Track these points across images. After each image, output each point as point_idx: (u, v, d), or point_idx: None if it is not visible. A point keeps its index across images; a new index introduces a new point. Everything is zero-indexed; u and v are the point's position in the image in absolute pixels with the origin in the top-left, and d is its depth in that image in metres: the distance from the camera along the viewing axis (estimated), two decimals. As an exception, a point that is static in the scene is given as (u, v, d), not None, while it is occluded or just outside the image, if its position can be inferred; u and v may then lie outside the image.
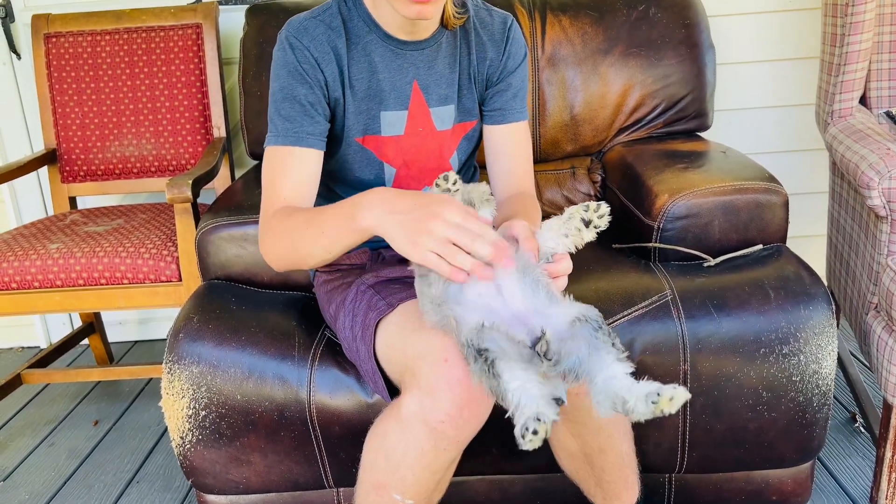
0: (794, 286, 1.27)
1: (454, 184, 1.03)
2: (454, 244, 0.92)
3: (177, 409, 1.27)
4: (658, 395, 0.86)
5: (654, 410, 0.86)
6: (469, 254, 0.92)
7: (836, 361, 1.26)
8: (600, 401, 0.91)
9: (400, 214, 0.95)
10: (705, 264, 1.36)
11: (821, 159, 2.27)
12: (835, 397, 1.85)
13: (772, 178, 1.40)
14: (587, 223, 0.98)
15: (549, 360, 0.92)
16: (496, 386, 0.89)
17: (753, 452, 1.29)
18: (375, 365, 1.10)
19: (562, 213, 1.01)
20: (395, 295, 1.13)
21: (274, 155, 1.16)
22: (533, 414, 0.84)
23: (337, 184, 1.28)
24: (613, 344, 0.94)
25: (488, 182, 1.33)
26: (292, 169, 1.15)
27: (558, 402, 0.91)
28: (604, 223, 0.98)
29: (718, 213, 1.37)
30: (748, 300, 1.25)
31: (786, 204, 1.38)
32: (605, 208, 0.97)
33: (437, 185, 1.03)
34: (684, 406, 1.25)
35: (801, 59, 2.20)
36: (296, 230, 1.08)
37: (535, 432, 0.83)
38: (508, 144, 1.31)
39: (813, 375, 1.24)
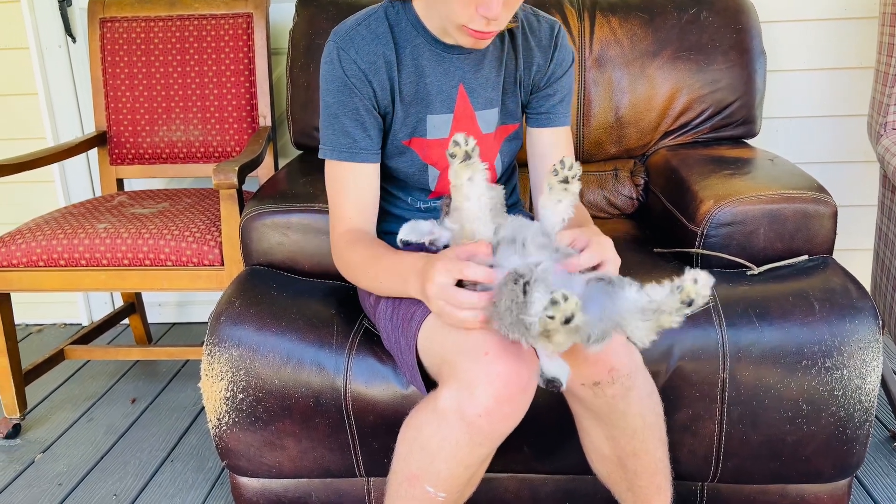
0: (839, 298, 1.24)
1: (466, 143, 0.99)
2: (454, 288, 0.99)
3: (215, 390, 1.29)
4: (681, 284, 0.87)
5: (683, 297, 0.87)
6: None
7: (879, 377, 1.23)
8: (637, 326, 0.91)
9: (421, 287, 1.04)
10: (749, 272, 1.34)
11: (870, 171, 2.22)
12: (875, 415, 1.81)
13: (821, 188, 1.37)
14: (566, 180, 1.03)
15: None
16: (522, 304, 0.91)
17: (790, 466, 1.27)
18: (415, 358, 1.11)
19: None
20: None
21: (333, 170, 1.23)
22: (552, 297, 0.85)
23: (385, 180, 1.29)
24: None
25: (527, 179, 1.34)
26: (351, 186, 1.21)
27: (554, 382, 0.96)
28: (577, 170, 1.03)
29: (764, 221, 1.35)
30: (792, 311, 1.23)
31: (834, 215, 1.35)
32: (568, 160, 1.02)
33: (451, 154, 1.00)
34: (721, 415, 1.24)
35: (854, 69, 2.15)
36: (357, 268, 1.19)
37: (553, 302, 0.84)
38: (552, 148, 1.31)
39: (856, 391, 1.22)
